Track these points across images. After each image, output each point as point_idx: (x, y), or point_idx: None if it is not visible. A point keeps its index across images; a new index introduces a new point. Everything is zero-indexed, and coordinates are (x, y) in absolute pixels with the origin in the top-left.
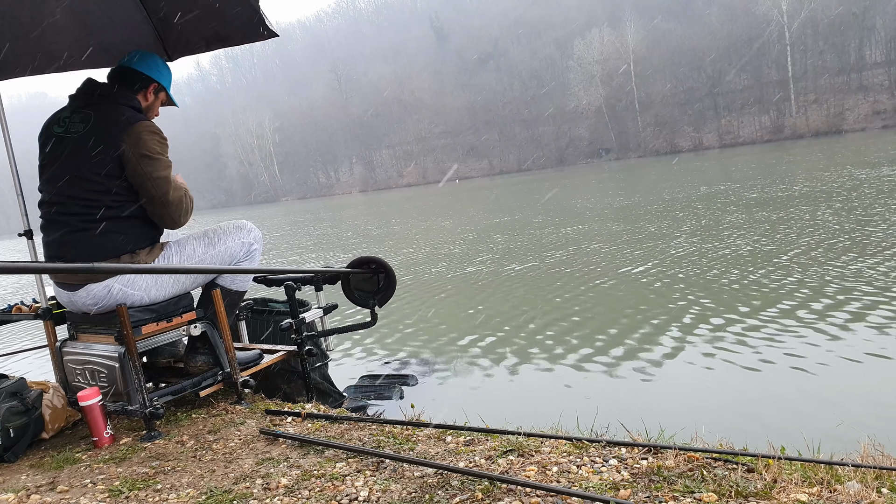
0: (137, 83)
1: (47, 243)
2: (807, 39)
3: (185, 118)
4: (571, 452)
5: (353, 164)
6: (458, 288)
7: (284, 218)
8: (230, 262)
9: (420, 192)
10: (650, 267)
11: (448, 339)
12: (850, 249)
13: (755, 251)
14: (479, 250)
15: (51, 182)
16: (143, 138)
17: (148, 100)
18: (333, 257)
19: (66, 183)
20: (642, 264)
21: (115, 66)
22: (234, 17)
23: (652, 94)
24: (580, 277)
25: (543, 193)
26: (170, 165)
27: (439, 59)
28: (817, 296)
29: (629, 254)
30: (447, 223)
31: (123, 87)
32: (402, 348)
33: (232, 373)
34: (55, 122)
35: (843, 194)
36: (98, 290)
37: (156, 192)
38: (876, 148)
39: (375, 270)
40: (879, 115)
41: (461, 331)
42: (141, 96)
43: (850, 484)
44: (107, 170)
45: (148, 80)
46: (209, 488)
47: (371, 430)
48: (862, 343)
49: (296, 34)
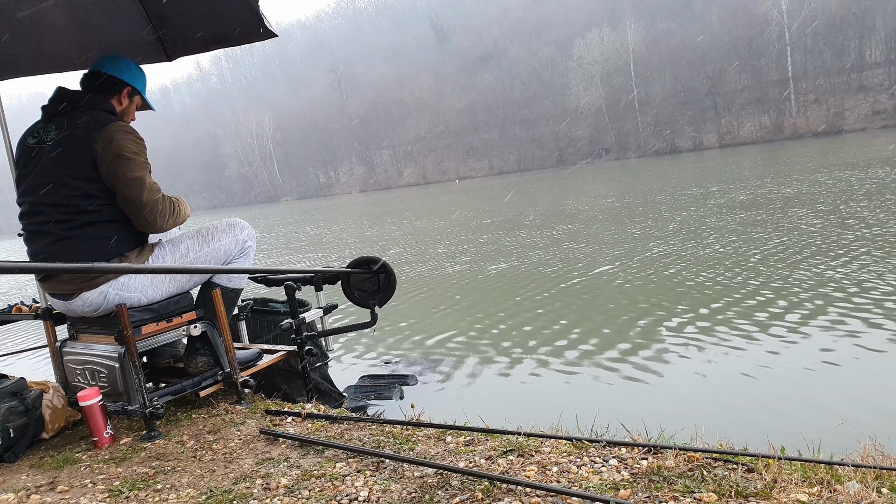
0: (109, 88)
1: (32, 255)
2: (807, 39)
3: (185, 118)
4: (571, 452)
5: (353, 164)
6: (458, 288)
7: (280, 219)
8: (225, 259)
9: (421, 192)
10: (651, 267)
11: (448, 340)
12: (852, 250)
13: (755, 251)
14: (468, 250)
15: (28, 193)
16: (115, 138)
17: (122, 104)
18: (327, 257)
19: (44, 192)
20: (643, 264)
21: (86, 71)
22: (232, 17)
23: (652, 94)
24: (580, 277)
25: (540, 194)
26: (146, 167)
27: (439, 59)
28: (817, 296)
29: (631, 254)
30: (441, 224)
31: (96, 92)
32: (402, 348)
33: (232, 373)
34: (29, 134)
35: (843, 194)
36: (93, 297)
37: (129, 193)
38: (880, 147)
39: (375, 270)
40: (879, 115)
41: (461, 331)
42: (115, 101)
43: (850, 484)
44: (83, 173)
45: (121, 83)
46: (209, 488)
47: (371, 430)
48: (862, 343)
49: (296, 34)
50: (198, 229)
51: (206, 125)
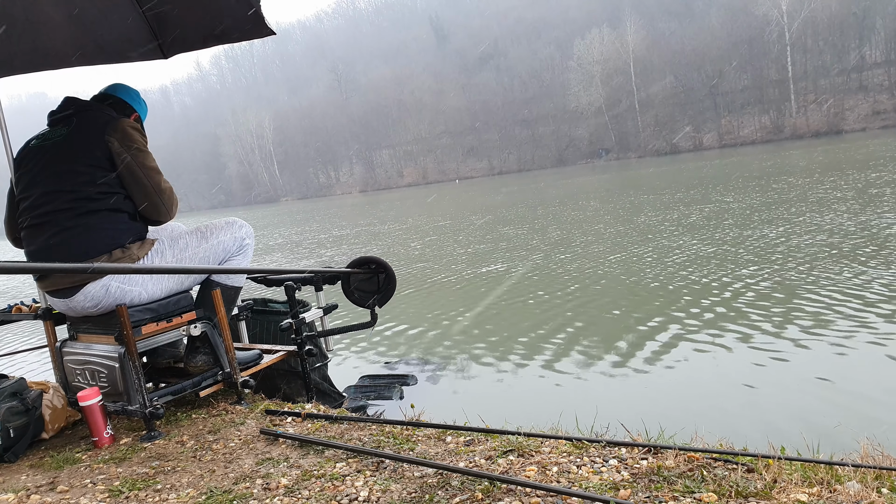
0: (119, 109)
1: (33, 252)
2: (807, 39)
3: (185, 118)
4: (571, 452)
5: (353, 165)
6: (459, 288)
7: (276, 218)
8: (223, 255)
9: (421, 191)
10: (651, 268)
11: (448, 339)
12: (854, 252)
13: (755, 252)
14: (469, 250)
15: (31, 187)
16: (130, 133)
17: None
18: (326, 257)
19: (49, 181)
20: (644, 265)
21: (96, 94)
22: (230, 14)
23: (652, 94)
24: (581, 277)
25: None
26: (154, 160)
27: (439, 59)
28: (817, 296)
29: (632, 255)
30: (447, 222)
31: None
32: (402, 348)
33: (232, 373)
34: (32, 139)
35: (845, 194)
36: (95, 290)
37: (149, 181)
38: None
39: (375, 270)
40: (879, 115)
41: (461, 331)
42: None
43: (850, 484)
44: (94, 160)
45: (130, 109)
46: (209, 488)
47: (371, 430)
48: (862, 343)
49: (296, 34)
50: (197, 227)
51: (206, 125)
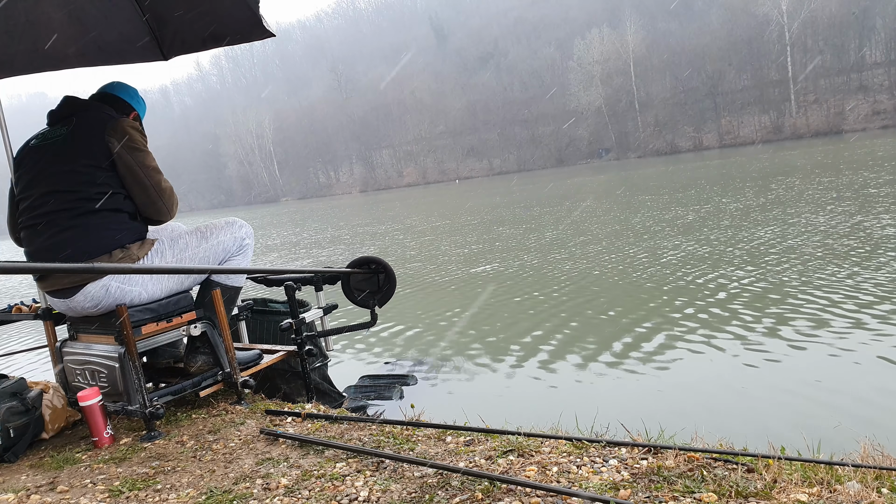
0: (119, 107)
1: (33, 252)
2: (807, 39)
3: (185, 118)
4: (571, 452)
5: (353, 164)
6: (458, 288)
7: (276, 218)
8: (223, 255)
9: (424, 191)
10: (652, 268)
11: (448, 339)
12: (854, 253)
13: (755, 253)
14: (468, 250)
15: (30, 187)
16: (129, 132)
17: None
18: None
19: (48, 181)
20: (644, 265)
21: (94, 93)
22: (230, 16)
23: (652, 94)
24: (581, 278)
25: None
26: (154, 159)
27: (439, 59)
28: (817, 296)
29: (632, 255)
30: (445, 222)
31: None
32: (402, 348)
33: (232, 373)
34: (32, 138)
35: (844, 194)
36: (95, 290)
37: (149, 181)
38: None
39: (375, 270)
40: (879, 116)
41: (461, 331)
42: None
43: (850, 484)
44: (94, 160)
45: (129, 107)
46: (209, 488)
47: (371, 430)
48: (862, 343)
49: (295, 34)
50: (196, 227)
51: (206, 125)
